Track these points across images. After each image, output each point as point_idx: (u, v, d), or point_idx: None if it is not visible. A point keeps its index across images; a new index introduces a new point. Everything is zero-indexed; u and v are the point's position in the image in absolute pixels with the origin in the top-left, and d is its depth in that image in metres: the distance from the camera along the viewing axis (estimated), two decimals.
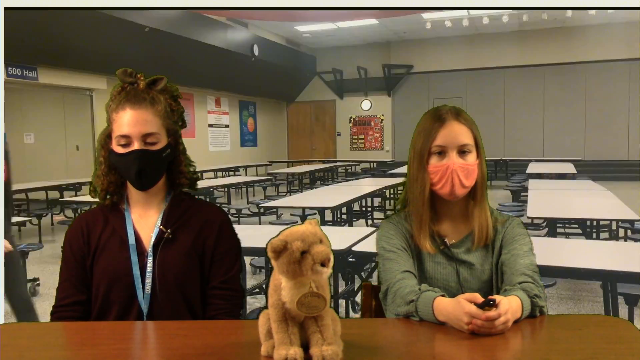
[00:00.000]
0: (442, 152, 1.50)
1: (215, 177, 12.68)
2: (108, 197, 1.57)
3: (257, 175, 14.92)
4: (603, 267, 2.98)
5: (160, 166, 1.53)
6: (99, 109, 11.57)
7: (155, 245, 1.53)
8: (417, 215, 1.53)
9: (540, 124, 16.36)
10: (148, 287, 1.50)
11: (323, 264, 1.04)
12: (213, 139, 15.36)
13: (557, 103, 16.10)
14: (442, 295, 1.32)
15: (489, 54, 16.33)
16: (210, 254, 1.55)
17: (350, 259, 3.95)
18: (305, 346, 1.08)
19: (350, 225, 7.56)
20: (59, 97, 11.87)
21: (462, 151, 1.49)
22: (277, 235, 1.07)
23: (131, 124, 1.46)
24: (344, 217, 8.02)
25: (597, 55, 15.38)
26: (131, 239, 1.53)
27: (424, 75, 17.15)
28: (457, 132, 1.49)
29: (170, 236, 1.53)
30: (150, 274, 1.50)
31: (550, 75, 16.05)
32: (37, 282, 5.27)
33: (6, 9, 2.41)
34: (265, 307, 1.12)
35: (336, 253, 3.32)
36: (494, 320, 1.18)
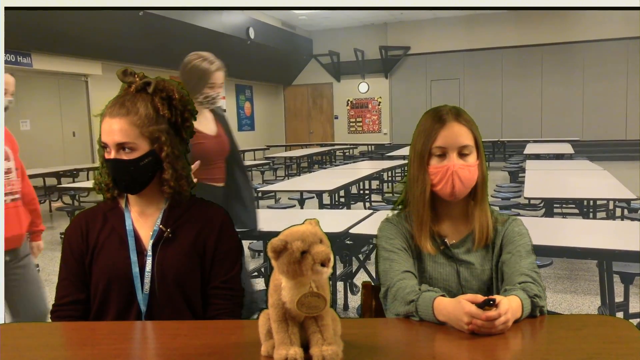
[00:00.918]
0: (442, 153, 1.50)
1: None
2: (110, 190, 1.56)
3: (254, 159, 14.91)
4: (599, 246, 3.02)
5: (140, 174, 1.49)
6: (94, 95, 11.49)
7: (154, 245, 1.52)
8: (418, 215, 1.53)
9: (538, 105, 16.32)
10: (147, 286, 1.49)
11: (323, 264, 1.05)
12: None
13: (554, 83, 16.04)
14: (442, 295, 1.32)
15: (486, 35, 16.23)
16: (211, 253, 1.53)
17: (348, 242, 3.98)
18: (305, 346, 1.08)
19: (348, 208, 7.59)
20: (53, 83, 11.78)
21: (462, 152, 1.50)
22: (277, 235, 1.06)
23: (107, 132, 1.47)
24: (342, 200, 8.04)
25: (594, 35, 15.28)
26: (130, 238, 1.52)
27: (421, 56, 17.05)
28: (457, 133, 1.49)
29: (170, 235, 1.52)
30: (150, 273, 1.49)
31: (548, 55, 15.97)
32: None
33: (6, 9, 2.38)
34: (265, 305, 1.11)
35: (334, 235, 3.35)
36: (494, 320, 1.19)
